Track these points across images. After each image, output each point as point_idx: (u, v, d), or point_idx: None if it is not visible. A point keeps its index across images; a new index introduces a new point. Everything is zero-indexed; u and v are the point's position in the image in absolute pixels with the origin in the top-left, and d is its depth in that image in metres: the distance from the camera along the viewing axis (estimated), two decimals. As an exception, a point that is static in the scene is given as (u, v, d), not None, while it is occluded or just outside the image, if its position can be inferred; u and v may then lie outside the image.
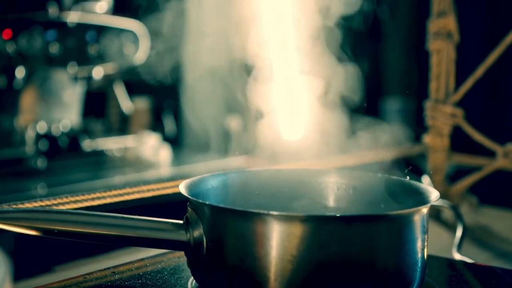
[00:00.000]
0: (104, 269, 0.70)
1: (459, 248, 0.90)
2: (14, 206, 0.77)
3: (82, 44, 1.55)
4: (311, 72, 0.96)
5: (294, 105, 1.06)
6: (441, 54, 1.15)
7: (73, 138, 1.56)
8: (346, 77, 0.92)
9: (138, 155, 1.65)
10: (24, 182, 1.41)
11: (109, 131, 1.77)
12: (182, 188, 0.65)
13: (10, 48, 1.43)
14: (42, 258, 0.88)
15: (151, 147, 1.67)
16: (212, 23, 1.00)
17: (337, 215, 0.72)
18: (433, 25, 1.15)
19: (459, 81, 1.17)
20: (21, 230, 0.61)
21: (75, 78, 1.61)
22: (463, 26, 1.16)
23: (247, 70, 0.97)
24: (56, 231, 0.61)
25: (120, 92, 1.77)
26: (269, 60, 1.03)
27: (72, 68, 1.56)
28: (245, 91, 0.94)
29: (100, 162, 1.62)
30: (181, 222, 0.64)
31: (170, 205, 0.93)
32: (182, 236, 0.62)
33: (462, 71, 1.18)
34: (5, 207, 0.74)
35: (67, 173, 1.51)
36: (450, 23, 1.13)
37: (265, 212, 0.57)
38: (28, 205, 0.78)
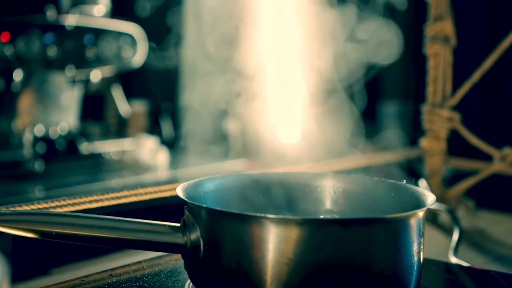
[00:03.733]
0: (101, 271, 0.70)
1: (456, 252, 0.91)
2: (12, 209, 0.77)
3: (80, 47, 1.55)
4: (308, 75, 0.96)
5: (291, 108, 1.06)
6: (438, 58, 1.15)
7: (71, 141, 1.56)
8: (344, 80, 0.92)
9: (136, 158, 1.65)
10: (21, 185, 1.41)
11: (106, 134, 1.77)
12: (179, 191, 0.65)
13: (8, 51, 1.43)
14: (39, 261, 0.88)
15: (148, 150, 1.67)
16: (210, 26, 1.00)
17: (334, 218, 0.72)
18: (430, 29, 1.15)
19: (456, 85, 1.17)
20: (19, 232, 0.61)
21: (73, 81, 1.61)
22: (460, 30, 1.16)
23: (246, 73, 0.97)
24: (53, 233, 0.61)
25: (118, 95, 1.77)
26: (267, 64, 1.03)
27: (70, 71, 1.56)
28: (243, 95, 0.95)
29: (97, 165, 1.62)
30: (178, 225, 0.64)
31: (168, 208, 0.93)
32: (179, 239, 0.63)
33: (459, 75, 1.18)
34: (3, 209, 0.74)
35: (65, 176, 1.51)
36: (447, 27, 1.14)
37: (262, 215, 0.58)
38: (26, 208, 0.78)
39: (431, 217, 1.15)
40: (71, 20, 1.52)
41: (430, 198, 0.65)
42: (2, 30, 1.43)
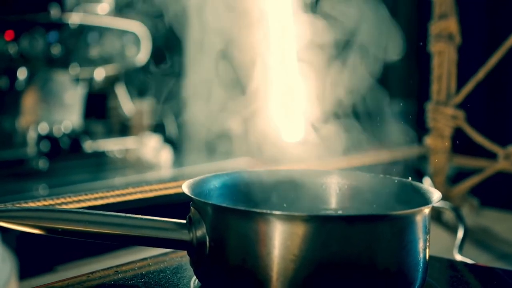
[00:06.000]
0: (107, 268, 0.70)
1: (460, 250, 0.91)
2: (18, 205, 0.77)
3: (83, 45, 1.55)
4: (312, 73, 0.96)
5: (295, 106, 1.06)
6: (443, 56, 1.15)
7: (75, 139, 1.56)
8: (347, 78, 0.92)
9: (139, 157, 1.65)
10: (25, 183, 1.42)
11: (110, 133, 1.78)
12: (185, 187, 0.65)
13: (12, 49, 1.43)
14: (43, 258, 0.88)
15: (152, 148, 1.67)
16: (214, 24, 1.00)
17: (339, 215, 0.72)
18: (435, 27, 1.15)
19: (460, 83, 1.17)
20: (25, 228, 0.61)
21: (77, 80, 1.61)
22: (464, 28, 1.16)
23: (249, 72, 0.97)
24: (59, 230, 0.61)
25: (121, 93, 1.77)
26: (271, 62, 1.03)
27: (74, 70, 1.56)
28: (247, 93, 0.95)
29: (101, 163, 1.62)
30: (184, 221, 0.64)
31: (172, 206, 0.93)
32: (185, 235, 0.63)
33: (463, 73, 1.18)
34: (9, 205, 0.74)
35: (69, 174, 1.51)
36: (451, 25, 1.14)
37: (268, 211, 0.58)
38: (31, 204, 0.78)
39: (435, 215, 1.15)
40: (75, 18, 1.52)
41: (436, 195, 0.65)
42: (6, 28, 1.43)
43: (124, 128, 1.80)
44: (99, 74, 1.64)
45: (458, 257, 0.87)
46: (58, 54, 1.49)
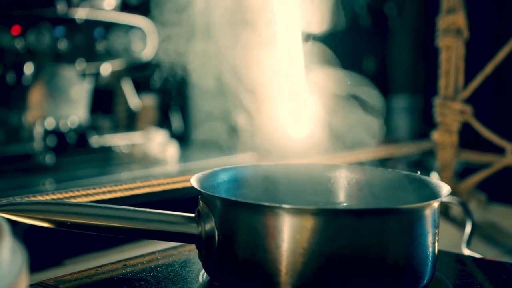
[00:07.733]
0: (116, 262, 0.70)
1: (468, 244, 0.90)
2: (27, 199, 0.77)
3: (90, 40, 1.55)
4: (318, 69, 0.96)
5: (301, 102, 1.06)
6: (451, 50, 1.14)
7: (81, 134, 1.56)
8: (353, 75, 0.92)
9: (146, 152, 1.65)
10: (32, 177, 1.42)
11: (116, 128, 1.78)
12: (193, 181, 0.65)
13: (18, 44, 1.43)
14: (51, 252, 0.88)
15: (158, 143, 1.67)
16: (220, 20, 1.00)
17: (349, 208, 0.72)
18: (443, 21, 1.14)
19: (468, 77, 1.17)
20: (35, 222, 0.61)
21: (83, 75, 1.61)
22: (472, 23, 1.16)
23: (255, 66, 0.97)
24: (69, 223, 0.61)
25: (127, 88, 1.77)
26: (276, 58, 1.03)
27: (80, 65, 1.57)
28: (253, 88, 0.95)
29: (107, 158, 1.63)
30: (192, 215, 0.64)
31: (179, 200, 0.93)
32: (193, 229, 0.63)
33: (471, 68, 1.18)
34: (18, 199, 0.74)
35: (75, 169, 1.51)
36: (459, 19, 1.13)
37: (277, 205, 0.58)
38: (40, 198, 0.78)
39: (443, 210, 1.14)
40: (81, 13, 1.52)
41: (445, 189, 0.65)
42: (13, 23, 1.43)
43: (130, 123, 1.80)
44: (106, 69, 1.64)
45: (466, 252, 0.87)
46: (64, 49, 1.49)
